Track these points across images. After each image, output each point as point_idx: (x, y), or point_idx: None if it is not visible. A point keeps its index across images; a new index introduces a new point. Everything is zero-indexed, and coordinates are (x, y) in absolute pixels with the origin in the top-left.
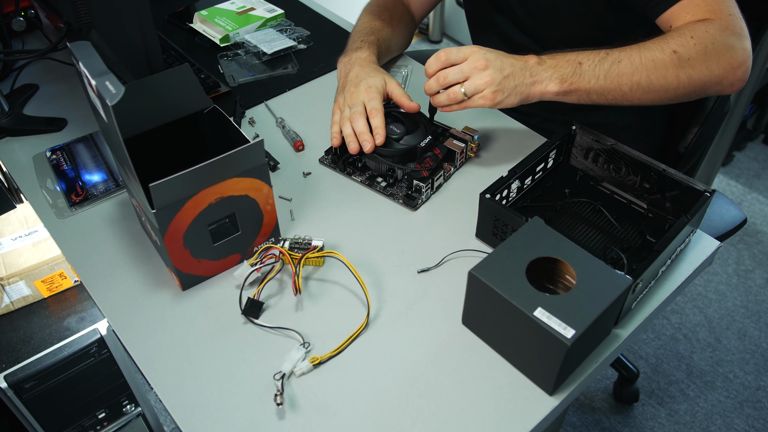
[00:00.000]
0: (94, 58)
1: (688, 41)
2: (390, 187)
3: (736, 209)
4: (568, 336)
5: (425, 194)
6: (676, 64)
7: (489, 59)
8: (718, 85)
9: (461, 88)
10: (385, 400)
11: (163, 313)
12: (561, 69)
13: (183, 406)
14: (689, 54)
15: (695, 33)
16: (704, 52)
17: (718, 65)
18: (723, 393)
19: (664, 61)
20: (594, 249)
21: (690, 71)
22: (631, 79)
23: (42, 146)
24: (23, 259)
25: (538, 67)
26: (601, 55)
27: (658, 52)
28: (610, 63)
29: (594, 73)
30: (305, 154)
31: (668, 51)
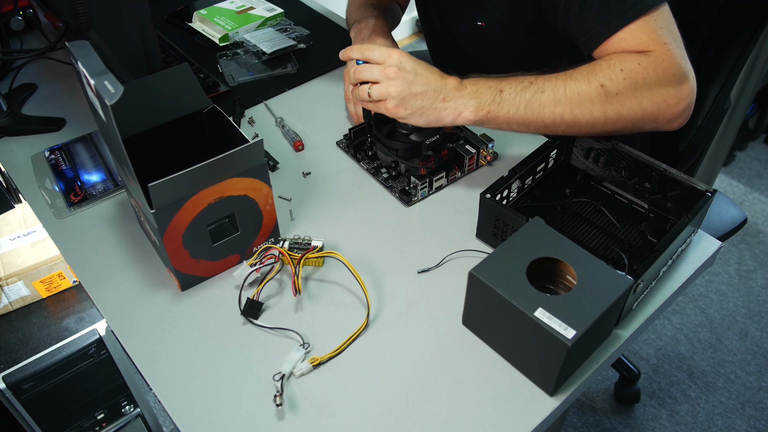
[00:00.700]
0: (92, 58)
1: (617, 75)
2: (391, 180)
3: (736, 209)
4: (569, 336)
5: (421, 192)
6: (603, 99)
7: (402, 70)
8: (653, 123)
9: (368, 88)
10: (385, 401)
11: (162, 314)
12: (480, 96)
13: (182, 406)
14: (617, 89)
15: (625, 66)
16: (634, 88)
17: (651, 102)
18: (724, 394)
19: (590, 94)
20: (595, 249)
21: (618, 107)
22: (554, 111)
23: (40, 146)
24: (22, 259)
25: (456, 92)
26: (524, 83)
27: (584, 84)
28: (532, 92)
29: (514, 102)
30: (305, 154)
31: (595, 84)
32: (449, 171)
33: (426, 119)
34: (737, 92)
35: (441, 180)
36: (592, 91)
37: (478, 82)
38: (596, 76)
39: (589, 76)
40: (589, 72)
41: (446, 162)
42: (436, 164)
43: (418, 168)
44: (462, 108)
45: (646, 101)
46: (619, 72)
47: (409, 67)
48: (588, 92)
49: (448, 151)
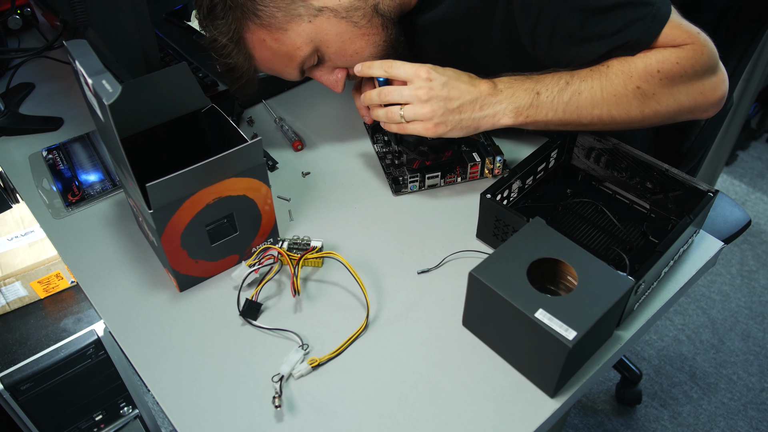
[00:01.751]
0: (90, 57)
1: (654, 76)
2: (393, 167)
3: (740, 211)
4: (570, 338)
5: (411, 185)
6: (640, 100)
7: (433, 89)
8: (690, 114)
9: (400, 111)
10: (385, 403)
11: (160, 315)
12: (517, 99)
13: (180, 408)
14: (654, 89)
15: (663, 66)
16: (671, 86)
17: (688, 96)
18: (726, 395)
19: (627, 97)
20: (596, 250)
21: (655, 105)
22: (591, 113)
23: (38, 146)
24: (19, 259)
25: (491, 98)
26: (561, 84)
27: (620, 87)
28: (570, 94)
29: (552, 106)
30: (304, 154)
31: (632, 87)
32: (448, 173)
33: (465, 131)
34: (739, 92)
35: (434, 179)
36: (629, 93)
37: (513, 84)
38: (632, 79)
39: (625, 80)
40: (625, 74)
41: (446, 162)
42: (433, 162)
43: (413, 161)
44: (501, 114)
45: (683, 96)
46: (656, 73)
47: (441, 83)
48: (625, 94)
49: (452, 153)
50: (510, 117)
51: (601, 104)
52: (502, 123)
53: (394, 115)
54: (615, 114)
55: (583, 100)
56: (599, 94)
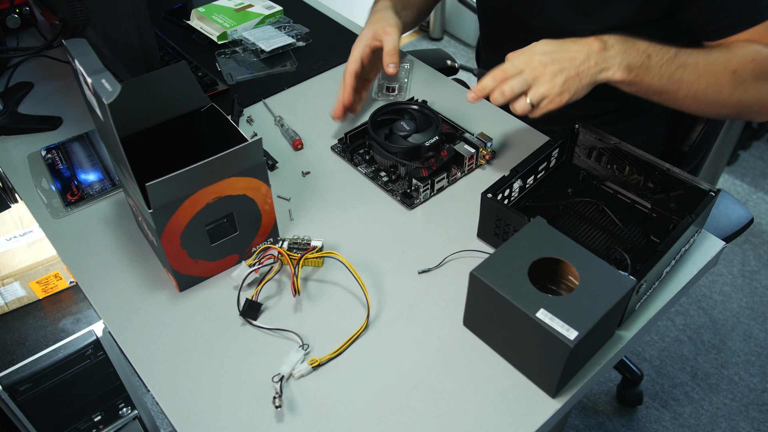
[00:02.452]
0: (89, 56)
1: (748, 64)
2: (391, 183)
3: (742, 209)
4: (571, 338)
5: (423, 194)
6: (733, 84)
7: (546, 63)
8: (756, 114)
9: (527, 100)
10: (385, 403)
11: (160, 315)
12: (629, 57)
13: (180, 408)
14: (746, 77)
15: (757, 57)
16: (757, 79)
17: (766, 95)
18: (728, 396)
19: (724, 78)
20: (597, 249)
21: (742, 94)
22: (690, 88)
23: (37, 145)
24: (18, 259)
25: (604, 53)
26: (670, 54)
27: (720, 67)
28: (676, 66)
29: (659, 72)
30: (304, 153)
31: (730, 69)
32: (449, 171)
33: (587, 88)
34: None
35: (442, 181)
36: (726, 75)
37: (624, 42)
38: (731, 61)
39: (726, 59)
40: (726, 54)
41: (446, 162)
42: (437, 165)
43: (420, 170)
44: (615, 68)
45: (763, 93)
46: (750, 62)
47: (548, 57)
48: (723, 75)
49: (447, 152)
50: (623, 72)
51: (701, 80)
52: (614, 77)
53: (525, 107)
54: (709, 92)
55: (687, 75)
56: (702, 70)
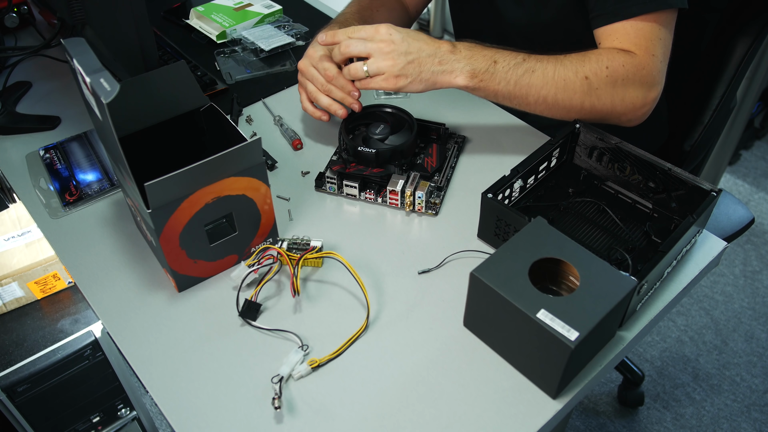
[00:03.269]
0: (88, 55)
1: (602, 71)
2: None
3: (743, 209)
4: (572, 338)
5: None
6: (584, 91)
7: (395, 41)
8: (617, 119)
9: (363, 66)
10: (385, 404)
11: (158, 315)
12: (474, 62)
13: (179, 409)
14: (599, 84)
15: (611, 64)
16: (612, 86)
17: (622, 103)
18: (730, 397)
19: (575, 84)
20: (598, 249)
21: (595, 100)
22: (539, 93)
23: (35, 145)
24: (16, 260)
25: (451, 55)
26: (518, 59)
27: (571, 73)
28: (523, 71)
29: (505, 77)
30: (304, 153)
31: (581, 75)
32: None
33: (424, 85)
34: (743, 90)
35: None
36: (576, 81)
37: (472, 48)
38: (583, 67)
39: (576, 67)
40: (577, 62)
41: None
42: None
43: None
44: (458, 72)
45: (618, 100)
46: (604, 68)
47: (400, 37)
48: (573, 81)
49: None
50: (465, 77)
51: (550, 86)
52: (457, 82)
53: (358, 71)
54: (559, 98)
55: (534, 79)
56: (551, 76)
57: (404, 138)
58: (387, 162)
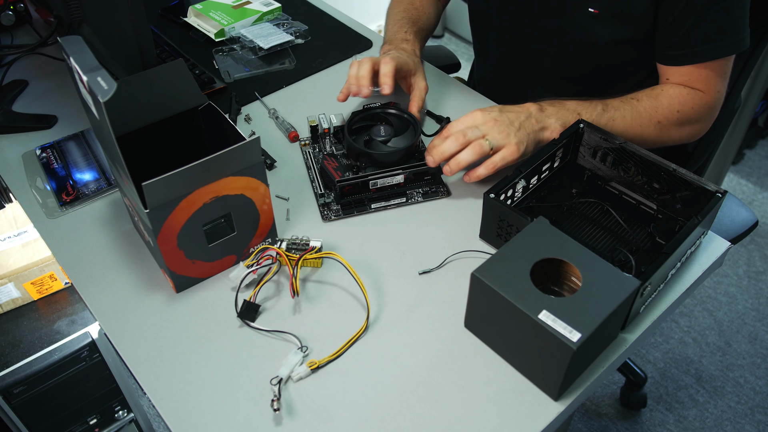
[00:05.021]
0: (85, 54)
1: (673, 115)
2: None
3: (747, 211)
4: (574, 339)
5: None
6: (657, 134)
7: (495, 117)
8: (673, 144)
9: (485, 141)
10: (386, 406)
11: (156, 316)
12: (563, 116)
13: (177, 411)
14: (670, 125)
15: (682, 108)
16: (680, 126)
17: (687, 134)
18: (733, 398)
19: (649, 129)
20: (602, 251)
21: (666, 139)
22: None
23: (32, 144)
24: (12, 260)
25: (541, 113)
26: (598, 109)
27: (645, 120)
28: (606, 120)
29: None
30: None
31: (654, 121)
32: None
33: (534, 145)
34: (746, 90)
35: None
36: (650, 126)
37: (555, 104)
38: (656, 112)
39: (651, 112)
40: (651, 107)
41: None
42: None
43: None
44: (552, 128)
45: (686, 134)
46: (675, 113)
47: (497, 113)
48: (647, 126)
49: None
50: (559, 131)
51: (628, 133)
52: (554, 136)
53: (483, 146)
54: (636, 140)
55: (615, 127)
56: (629, 123)
57: (408, 140)
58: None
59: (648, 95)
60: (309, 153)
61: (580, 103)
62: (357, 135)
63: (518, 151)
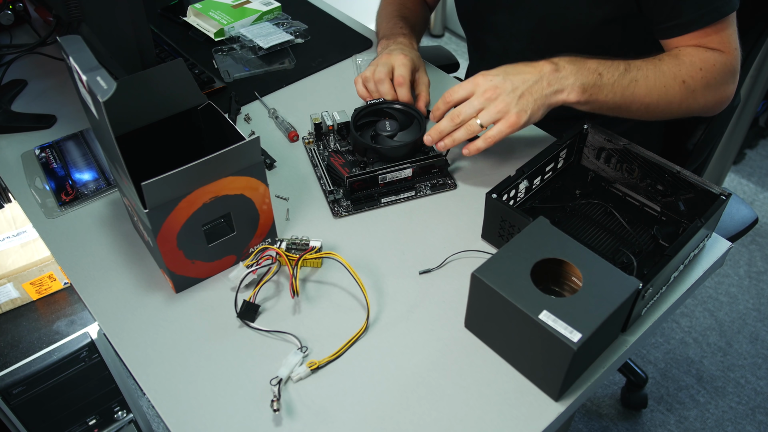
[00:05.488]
0: (84, 53)
1: (697, 73)
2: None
3: (747, 208)
4: (575, 340)
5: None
6: (683, 94)
7: (497, 85)
8: (705, 113)
9: (477, 121)
10: (386, 406)
11: (155, 317)
12: (582, 77)
13: (176, 412)
14: (695, 86)
15: (705, 65)
16: (706, 86)
17: (714, 98)
18: (734, 399)
19: (674, 89)
20: (604, 252)
21: (691, 102)
22: (643, 101)
23: (31, 144)
24: (11, 260)
25: (556, 74)
26: (620, 69)
27: (671, 79)
28: (628, 81)
29: (612, 88)
30: (303, 152)
31: (679, 80)
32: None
33: (543, 110)
34: (747, 89)
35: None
36: (676, 86)
37: (574, 62)
38: (680, 71)
39: (674, 71)
40: (674, 66)
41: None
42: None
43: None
44: (569, 89)
45: (711, 97)
46: (698, 71)
47: (501, 79)
48: (673, 87)
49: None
50: (577, 93)
51: (652, 93)
52: (569, 99)
53: (474, 127)
54: (661, 104)
55: (638, 89)
56: (653, 83)
57: (414, 133)
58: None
59: (669, 55)
60: (314, 150)
61: (601, 62)
62: (362, 131)
63: (519, 121)
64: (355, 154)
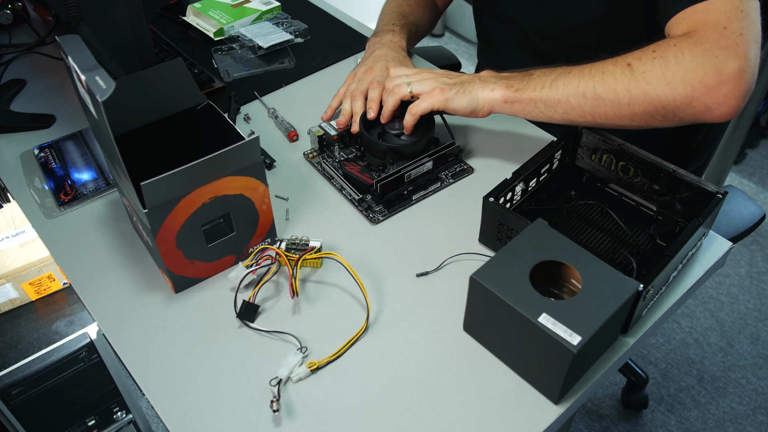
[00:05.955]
0: (83, 53)
1: (647, 54)
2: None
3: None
4: (574, 342)
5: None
6: (627, 77)
7: (434, 73)
8: (690, 109)
9: (408, 87)
10: (385, 407)
11: (155, 317)
12: (511, 79)
13: (176, 412)
14: (645, 68)
15: (659, 47)
16: (664, 66)
17: (684, 83)
18: (735, 399)
19: (615, 72)
20: (602, 253)
21: (645, 86)
22: (577, 89)
23: (30, 144)
24: (10, 260)
25: (489, 76)
26: (557, 70)
27: (610, 64)
28: (558, 73)
29: (540, 82)
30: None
31: (622, 63)
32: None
33: (468, 98)
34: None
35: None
36: (617, 70)
37: (511, 74)
38: (626, 57)
39: (617, 58)
40: (618, 57)
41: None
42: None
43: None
44: (494, 85)
45: (678, 82)
46: (651, 52)
47: (441, 71)
48: (613, 70)
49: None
50: (502, 89)
51: (587, 79)
52: (494, 95)
53: (401, 88)
54: (600, 90)
55: (570, 78)
56: (587, 71)
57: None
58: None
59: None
60: (326, 164)
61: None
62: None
63: (441, 95)
64: (364, 159)
